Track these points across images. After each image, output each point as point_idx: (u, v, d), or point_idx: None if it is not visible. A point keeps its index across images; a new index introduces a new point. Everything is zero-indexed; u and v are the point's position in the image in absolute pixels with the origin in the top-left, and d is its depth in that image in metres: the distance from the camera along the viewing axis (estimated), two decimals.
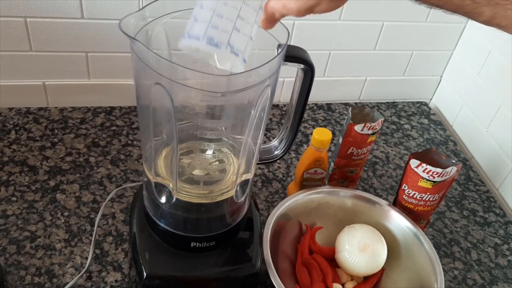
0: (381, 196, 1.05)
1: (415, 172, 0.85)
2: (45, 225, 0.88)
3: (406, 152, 1.18)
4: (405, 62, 1.28)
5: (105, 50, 1.06)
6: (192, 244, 0.70)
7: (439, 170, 0.83)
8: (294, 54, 0.62)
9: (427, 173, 0.84)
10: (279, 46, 0.60)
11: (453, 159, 0.87)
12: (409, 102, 1.35)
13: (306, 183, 0.94)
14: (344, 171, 0.98)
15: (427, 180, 0.84)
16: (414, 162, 0.85)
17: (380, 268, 0.84)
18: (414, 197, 0.88)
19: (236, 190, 0.68)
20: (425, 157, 0.87)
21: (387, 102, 1.34)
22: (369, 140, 0.92)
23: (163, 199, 0.68)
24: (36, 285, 0.79)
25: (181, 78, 0.54)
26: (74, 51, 1.05)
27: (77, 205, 0.92)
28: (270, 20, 0.58)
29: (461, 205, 1.08)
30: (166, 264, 0.70)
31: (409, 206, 0.89)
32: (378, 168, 1.13)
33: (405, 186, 0.88)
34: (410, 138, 1.23)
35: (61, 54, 1.05)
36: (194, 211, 0.69)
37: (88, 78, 1.10)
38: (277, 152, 0.76)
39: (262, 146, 0.77)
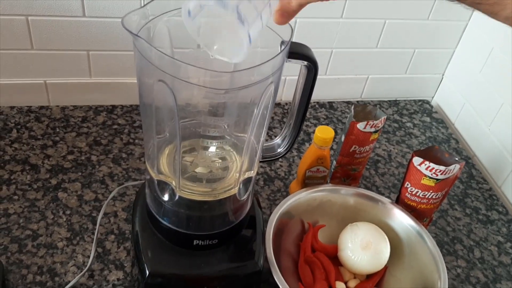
0: (383, 194, 1.05)
1: (418, 170, 0.85)
2: (46, 223, 0.87)
3: (408, 150, 1.18)
4: (407, 60, 1.28)
5: (106, 48, 1.06)
6: (195, 242, 0.70)
7: (442, 167, 0.83)
8: (297, 51, 0.62)
9: (430, 170, 0.84)
10: (283, 43, 0.60)
11: (456, 157, 0.86)
12: (411, 100, 1.35)
13: (308, 181, 0.94)
14: (346, 169, 0.98)
15: (430, 178, 0.84)
16: (417, 160, 0.85)
17: (383, 266, 0.84)
18: (417, 195, 0.87)
19: (239, 188, 0.68)
20: (428, 154, 0.87)
21: (389, 100, 1.33)
22: (371, 138, 0.92)
23: (166, 197, 0.68)
24: (37, 283, 0.79)
25: (183, 75, 0.54)
26: (75, 50, 1.05)
27: (79, 203, 0.92)
28: (284, 12, 0.53)
29: (463, 203, 1.07)
30: (169, 262, 0.69)
31: (412, 204, 0.89)
32: (380, 166, 1.12)
33: (407, 184, 0.88)
34: (412, 136, 1.23)
35: (62, 53, 1.05)
36: (197, 209, 0.69)
37: (89, 76, 1.10)
38: (280, 150, 0.76)
39: (264, 144, 0.77)
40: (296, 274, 0.83)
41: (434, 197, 0.87)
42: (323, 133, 0.88)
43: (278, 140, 0.76)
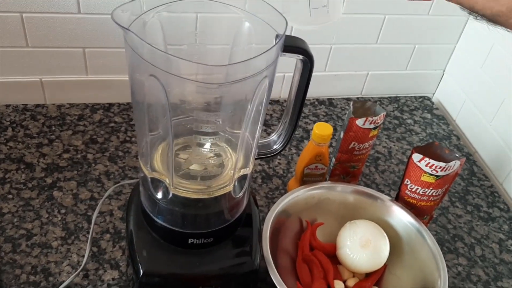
0: (383, 191, 1.03)
1: (418, 166, 0.83)
2: (41, 223, 0.86)
3: (408, 147, 1.17)
4: (407, 56, 1.26)
5: (102, 45, 1.05)
6: (189, 240, 0.68)
7: (442, 164, 0.81)
8: (292, 44, 0.61)
9: (430, 167, 0.82)
10: (277, 36, 0.59)
11: (456, 153, 0.85)
12: (411, 96, 1.33)
13: (306, 179, 0.93)
14: (345, 167, 0.96)
15: (430, 174, 0.83)
16: (416, 156, 0.83)
17: (382, 264, 0.83)
18: (417, 192, 0.86)
19: (234, 185, 0.66)
20: (428, 151, 0.85)
21: (390, 97, 1.32)
22: (370, 134, 0.91)
23: (160, 195, 0.66)
24: (31, 283, 0.78)
25: (175, 70, 0.53)
26: (71, 47, 1.04)
27: (74, 202, 0.90)
28: None
29: (464, 200, 1.06)
30: (163, 261, 0.68)
31: (411, 201, 0.87)
32: (381, 163, 1.11)
33: (407, 181, 0.86)
34: (413, 133, 1.21)
35: (58, 50, 1.03)
36: (192, 207, 0.67)
37: (86, 74, 1.08)
38: (276, 146, 0.75)
39: (260, 141, 0.75)
40: (294, 273, 0.82)
41: (434, 194, 0.85)
42: (321, 129, 0.87)
43: (274, 136, 0.75)
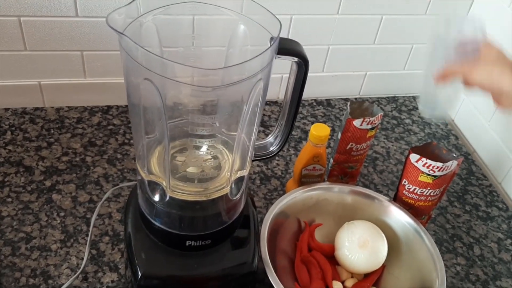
0: (381, 192, 1.04)
1: (415, 166, 0.84)
2: (40, 226, 0.87)
3: (407, 147, 1.17)
4: (405, 56, 1.26)
5: (100, 48, 1.05)
6: (187, 243, 0.69)
7: (440, 164, 0.81)
8: (287, 47, 0.61)
9: (427, 167, 0.82)
10: (272, 39, 0.59)
11: (454, 153, 0.85)
12: (410, 96, 1.33)
13: (304, 180, 0.93)
14: (343, 167, 0.96)
15: (428, 174, 0.83)
16: (414, 157, 0.83)
17: (380, 265, 0.83)
18: (415, 192, 0.86)
19: (230, 187, 0.67)
20: (425, 151, 0.85)
21: (388, 97, 1.32)
22: (368, 135, 0.91)
23: (157, 197, 0.67)
24: (31, 286, 0.78)
25: (170, 73, 0.53)
26: (69, 50, 1.04)
27: (73, 205, 0.91)
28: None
29: (463, 200, 1.06)
30: (161, 263, 0.69)
31: (409, 201, 0.88)
32: (379, 163, 1.11)
33: (405, 181, 0.87)
34: (411, 133, 1.21)
35: (56, 53, 1.04)
36: (189, 209, 0.68)
37: (84, 77, 1.09)
38: (272, 148, 0.75)
39: (257, 143, 0.76)
40: (292, 274, 0.82)
41: (432, 194, 0.86)
42: (318, 130, 0.87)
43: (270, 138, 0.75)
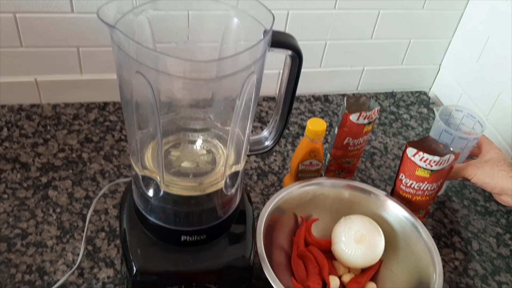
0: (379, 187, 1.03)
1: (412, 161, 0.83)
2: (36, 222, 0.86)
3: (405, 142, 1.16)
4: (403, 51, 1.26)
5: (96, 44, 1.05)
6: (182, 238, 0.68)
7: (437, 158, 0.81)
8: (280, 40, 0.60)
9: (424, 161, 0.82)
10: (265, 31, 0.58)
11: (450, 147, 0.85)
12: (408, 91, 1.33)
13: (301, 175, 0.93)
14: (340, 162, 0.96)
15: (425, 169, 0.83)
16: (411, 151, 0.83)
17: (377, 259, 0.82)
18: (412, 186, 0.86)
19: (225, 182, 0.66)
20: (422, 145, 0.85)
21: (386, 92, 1.32)
22: (365, 130, 0.91)
23: (151, 193, 0.66)
24: (26, 282, 0.78)
25: (162, 67, 0.53)
26: (65, 46, 1.04)
27: (69, 201, 0.91)
28: None
29: (461, 194, 1.06)
30: (157, 259, 0.68)
31: (407, 196, 0.87)
32: (376, 158, 1.11)
33: (402, 176, 0.86)
34: (409, 128, 1.21)
35: (52, 50, 1.03)
36: (184, 204, 0.67)
37: (80, 73, 1.08)
38: (267, 143, 0.74)
39: (252, 137, 0.75)
40: (289, 269, 0.82)
41: (429, 188, 0.85)
42: (315, 125, 0.87)
43: (265, 133, 0.74)
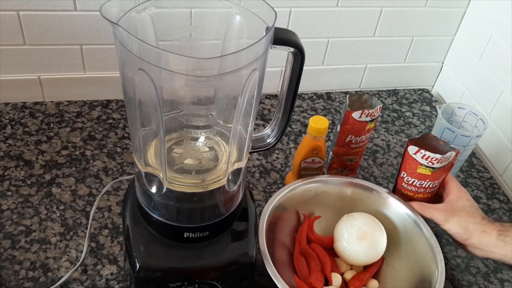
0: (381, 184, 1.03)
1: (414, 158, 0.83)
2: (40, 219, 0.87)
3: (407, 139, 1.16)
4: (405, 49, 1.26)
5: (99, 42, 1.05)
6: (185, 234, 0.68)
7: (438, 156, 0.81)
8: (282, 37, 0.60)
9: (426, 159, 0.82)
10: (267, 29, 0.59)
11: (451, 144, 0.85)
12: (410, 89, 1.33)
13: (304, 173, 0.93)
14: (343, 160, 0.96)
15: (426, 166, 0.83)
16: (412, 149, 0.83)
17: (380, 256, 0.83)
18: (414, 184, 0.86)
19: (227, 179, 0.67)
20: (422, 142, 0.85)
21: (388, 90, 1.32)
22: (367, 127, 0.91)
23: (154, 189, 0.67)
24: (30, 279, 0.78)
25: (164, 63, 0.53)
26: (68, 44, 1.04)
27: (72, 198, 0.91)
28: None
29: None
30: (159, 255, 0.68)
31: (408, 193, 0.87)
32: (379, 156, 1.11)
33: (404, 174, 0.86)
34: (412, 126, 1.21)
35: (55, 47, 1.04)
36: (186, 201, 0.68)
37: (83, 71, 1.09)
38: (269, 140, 0.75)
39: (254, 135, 0.76)
40: (291, 266, 0.82)
41: (431, 186, 0.85)
42: (317, 123, 0.87)
43: (267, 130, 0.75)
